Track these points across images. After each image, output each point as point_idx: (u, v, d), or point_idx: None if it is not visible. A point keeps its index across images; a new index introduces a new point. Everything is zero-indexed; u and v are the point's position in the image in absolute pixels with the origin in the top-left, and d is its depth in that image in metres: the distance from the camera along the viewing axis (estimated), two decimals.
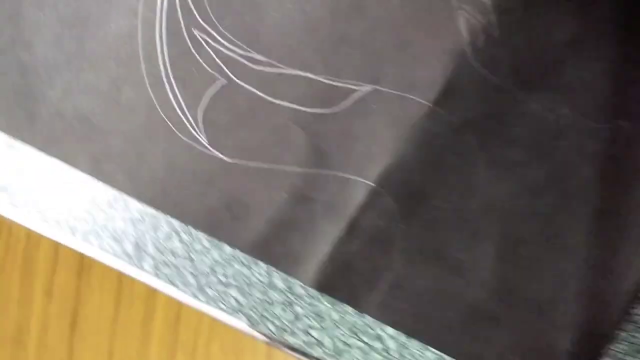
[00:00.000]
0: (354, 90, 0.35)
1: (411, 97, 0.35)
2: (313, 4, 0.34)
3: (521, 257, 0.36)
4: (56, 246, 1.10)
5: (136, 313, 1.13)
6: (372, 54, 0.35)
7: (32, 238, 1.10)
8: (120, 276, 1.10)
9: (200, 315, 1.11)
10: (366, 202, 0.36)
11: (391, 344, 0.36)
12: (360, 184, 0.36)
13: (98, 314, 1.13)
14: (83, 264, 1.10)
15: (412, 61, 0.35)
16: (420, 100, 0.35)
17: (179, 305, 1.10)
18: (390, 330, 0.36)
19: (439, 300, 0.36)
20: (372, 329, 0.36)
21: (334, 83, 0.35)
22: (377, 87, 0.35)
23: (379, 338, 0.36)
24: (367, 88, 0.35)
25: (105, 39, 0.35)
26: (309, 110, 0.35)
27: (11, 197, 0.36)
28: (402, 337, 0.36)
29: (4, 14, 0.34)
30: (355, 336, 0.37)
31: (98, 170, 0.35)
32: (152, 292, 1.10)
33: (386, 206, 0.36)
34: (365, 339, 0.36)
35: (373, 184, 0.36)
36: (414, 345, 0.36)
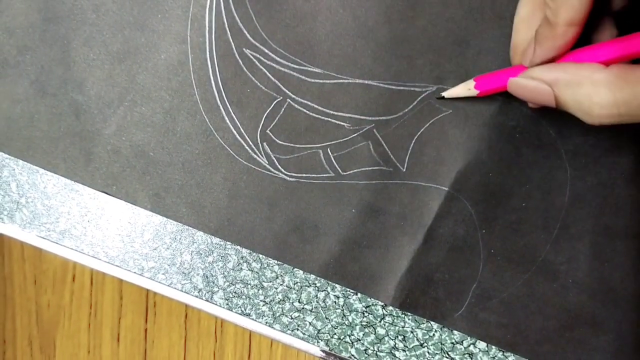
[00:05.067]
0: (418, 93, 0.33)
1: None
2: (366, 7, 0.33)
3: (619, 252, 0.33)
4: (120, 290, 1.11)
5: (206, 349, 1.12)
6: (433, 52, 0.33)
7: (96, 283, 1.11)
8: (187, 313, 1.10)
9: (272, 345, 1.09)
10: (441, 209, 0.34)
11: None
12: (433, 191, 0.34)
13: (168, 354, 1.13)
14: (148, 304, 1.11)
15: (475, 54, 0.33)
16: None
17: (249, 337, 1.08)
18: (482, 345, 0.34)
19: (533, 308, 0.33)
20: (461, 345, 0.34)
21: (396, 87, 0.33)
22: (442, 87, 0.33)
23: (470, 355, 0.34)
24: (431, 89, 0.33)
25: (156, 70, 0.34)
26: (372, 118, 0.33)
27: (76, 241, 0.35)
28: (496, 352, 0.34)
29: (54, 56, 0.34)
30: (444, 354, 0.34)
31: (160, 204, 0.34)
32: (221, 327, 1.10)
33: (463, 211, 0.33)
34: (456, 357, 0.34)
35: (446, 189, 0.33)
36: (510, 359, 0.34)
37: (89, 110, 0.34)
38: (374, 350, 0.34)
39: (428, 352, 0.34)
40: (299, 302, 0.35)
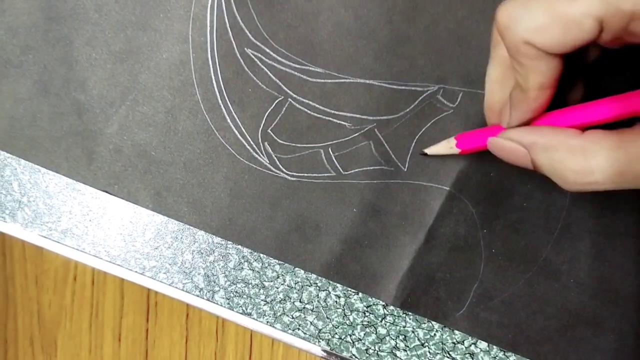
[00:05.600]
0: (419, 93, 0.33)
1: (481, 91, 0.33)
2: (367, 7, 0.33)
3: (620, 252, 0.33)
4: (122, 289, 1.11)
5: (207, 349, 1.12)
6: (435, 52, 0.33)
7: (98, 283, 1.12)
8: (189, 313, 1.10)
9: (273, 345, 1.09)
10: (442, 208, 0.34)
11: None
12: (434, 190, 0.34)
13: (169, 354, 1.13)
14: (150, 304, 1.11)
15: (477, 55, 0.33)
16: None
17: (250, 337, 1.09)
18: (483, 344, 0.34)
19: (535, 308, 0.33)
20: (463, 345, 0.34)
21: (398, 87, 0.33)
22: (444, 86, 0.33)
23: (471, 355, 0.34)
24: (432, 89, 0.33)
25: (158, 69, 0.34)
26: (373, 118, 0.33)
27: (77, 240, 0.35)
28: (497, 352, 0.34)
29: (57, 55, 0.34)
30: (445, 354, 0.34)
31: (161, 204, 0.35)
32: (222, 327, 1.10)
33: (464, 211, 0.33)
34: (457, 357, 0.34)
35: (448, 189, 0.34)
36: (511, 359, 0.34)
37: (91, 110, 0.35)
38: (375, 350, 0.35)
39: (429, 352, 0.34)
40: (300, 301, 0.35)
